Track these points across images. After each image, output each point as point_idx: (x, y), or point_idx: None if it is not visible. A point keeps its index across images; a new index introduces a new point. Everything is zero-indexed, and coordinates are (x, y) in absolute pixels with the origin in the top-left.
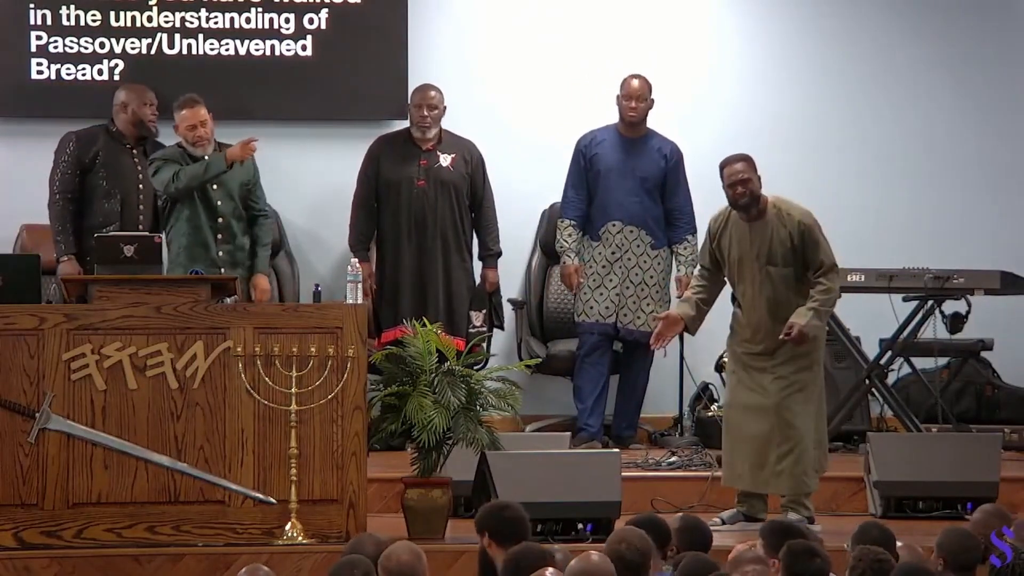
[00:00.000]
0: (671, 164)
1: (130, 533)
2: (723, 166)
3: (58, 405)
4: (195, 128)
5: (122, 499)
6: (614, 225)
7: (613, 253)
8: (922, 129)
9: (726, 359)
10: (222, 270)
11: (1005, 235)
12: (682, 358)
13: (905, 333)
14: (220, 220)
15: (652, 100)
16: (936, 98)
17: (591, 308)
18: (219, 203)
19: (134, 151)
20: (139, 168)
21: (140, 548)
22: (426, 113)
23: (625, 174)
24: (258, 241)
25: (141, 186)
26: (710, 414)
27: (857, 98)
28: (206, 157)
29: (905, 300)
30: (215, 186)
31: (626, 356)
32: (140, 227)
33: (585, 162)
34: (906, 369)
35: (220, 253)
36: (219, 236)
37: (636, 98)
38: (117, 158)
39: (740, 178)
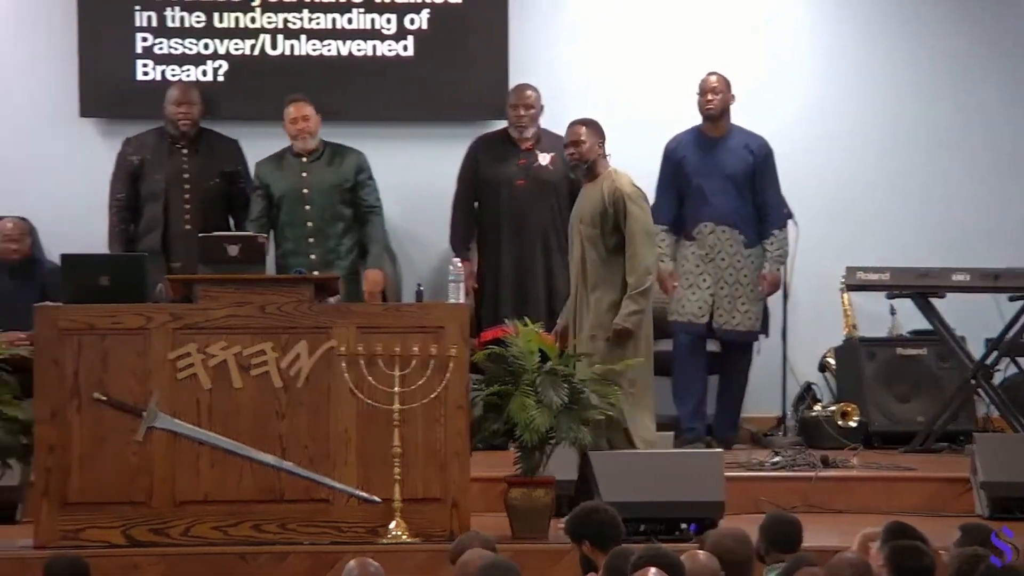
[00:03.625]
0: (759, 159)
1: (236, 531)
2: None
3: (164, 404)
4: (296, 122)
5: (228, 497)
6: (706, 226)
7: (707, 253)
8: None
9: (829, 359)
10: (315, 273)
11: None
12: (785, 358)
13: (1011, 333)
14: (310, 225)
15: (732, 95)
16: None
17: (683, 307)
18: (308, 208)
19: (184, 150)
20: (186, 167)
21: (246, 546)
22: (522, 113)
23: (712, 174)
24: (368, 239)
25: (188, 186)
26: (814, 414)
27: (963, 94)
28: (303, 160)
29: (1011, 300)
30: (305, 190)
31: (724, 356)
32: (187, 227)
33: (672, 166)
34: (1012, 369)
35: (313, 256)
36: (310, 240)
37: (711, 91)
38: (163, 159)
39: (571, 139)
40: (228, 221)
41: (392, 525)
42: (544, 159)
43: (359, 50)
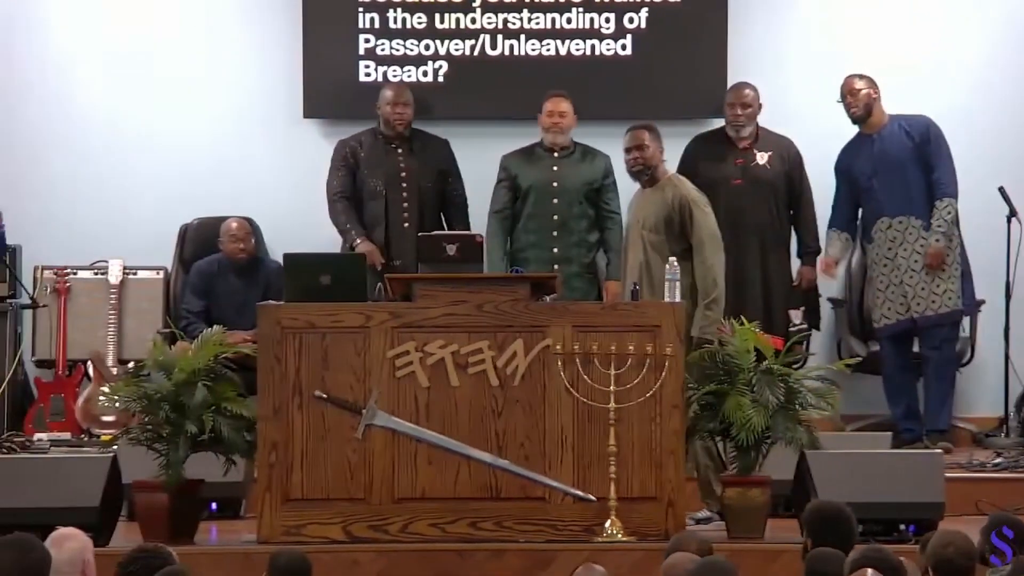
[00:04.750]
0: (919, 140)
1: (453, 528)
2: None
3: (383, 402)
4: (552, 115)
5: (445, 495)
6: (883, 222)
7: (889, 249)
8: None
9: None
10: (556, 267)
11: None
12: (1007, 358)
13: None
14: (555, 218)
15: (875, 91)
16: None
17: (888, 309)
18: (556, 201)
19: (399, 149)
20: (403, 166)
21: (463, 543)
22: (739, 112)
23: (877, 171)
24: (608, 247)
25: (406, 184)
26: None
27: None
28: (554, 154)
29: None
30: (555, 183)
31: (927, 349)
32: (406, 225)
33: (843, 176)
34: None
35: (555, 250)
36: (554, 233)
37: (850, 94)
38: (380, 158)
39: (634, 144)
40: (441, 220)
41: (607, 524)
42: (762, 158)
43: (578, 49)
